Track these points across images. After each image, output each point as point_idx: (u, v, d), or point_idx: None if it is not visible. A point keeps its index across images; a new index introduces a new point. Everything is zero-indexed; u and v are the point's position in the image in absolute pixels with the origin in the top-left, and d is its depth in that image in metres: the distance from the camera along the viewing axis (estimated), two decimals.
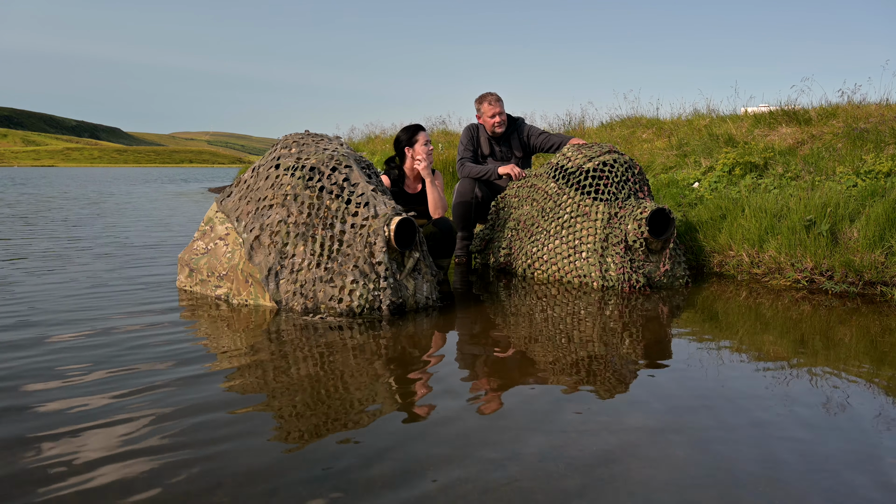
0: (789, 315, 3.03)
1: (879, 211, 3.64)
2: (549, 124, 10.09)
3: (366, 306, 2.89)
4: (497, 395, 2.00)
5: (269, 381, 2.07)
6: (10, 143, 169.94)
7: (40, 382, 2.03)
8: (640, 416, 1.82)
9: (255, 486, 1.42)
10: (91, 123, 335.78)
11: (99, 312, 2.95)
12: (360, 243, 2.93)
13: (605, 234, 3.64)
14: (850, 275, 3.50)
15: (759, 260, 3.92)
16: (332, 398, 1.94)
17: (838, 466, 1.53)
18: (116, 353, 2.35)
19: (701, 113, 7.88)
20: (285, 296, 2.97)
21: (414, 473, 1.48)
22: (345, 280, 2.89)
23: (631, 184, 3.80)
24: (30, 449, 1.58)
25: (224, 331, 2.67)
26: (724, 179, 5.10)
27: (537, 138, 4.58)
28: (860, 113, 5.67)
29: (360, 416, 1.80)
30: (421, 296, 3.08)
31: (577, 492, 1.40)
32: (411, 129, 3.94)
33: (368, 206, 3.00)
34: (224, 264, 3.21)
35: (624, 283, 3.53)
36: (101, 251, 5.03)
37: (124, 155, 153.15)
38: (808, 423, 1.78)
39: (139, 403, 1.87)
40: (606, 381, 2.13)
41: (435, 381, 2.11)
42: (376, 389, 2.02)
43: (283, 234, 3.01)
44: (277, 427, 1.72)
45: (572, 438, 1.67)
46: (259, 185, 3.27)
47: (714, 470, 1.51)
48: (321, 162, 3.14)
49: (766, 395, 1.99)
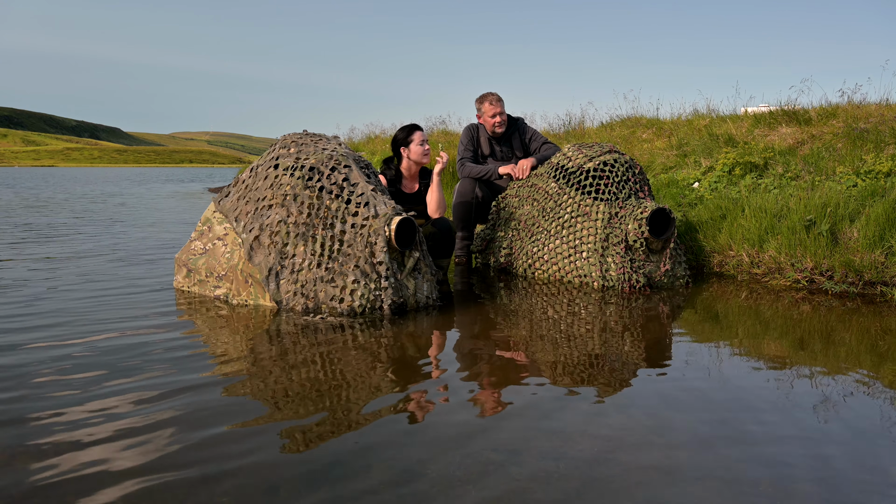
0: (789, 315, 3.03)
1: (879, 211, 3.64)
2: (549, 124, 10.09)
3: (367, 306, 2.89)
4: (497, 395, 2.00)
5: (270, 382, 2.07)
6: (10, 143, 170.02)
7: (39, 378, 2.04)
8: (640, 416, 1.82)
9: (257, 486, 1.42)
10: (91, 123, 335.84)
11: (97, 313, 2.95)
12: (360, 243, 2.93)
13: (606, 233, 3.63)
14: (850, 275, 3.50)
15: (759, 260, 3.92)
16: (334, 398, 1.94)
17: (843, 466, 1.53)
18: (114, 352, 2.35)
19: (701, 113, 7.88)
20: (286, 296, 2.96)
21: (414, 473, 1.48)
22: (346, 280, 2.89)
23: (631, 183, 3.80)
24: (28, 448, 1.58)
25: (224, 332, 2.67)
26: (724, 179, 5.10)
27: (537, 144, 4.57)
28: (860, 113, 5.67)
29: (361, 416, 1.80)
30: (421, 295, 3.08)
31: (577, 492, 1.40)
32: (407, 129, 3.95)
33: (368, 206, 3.00)
34: (223, 265, 3.20)
35: (624, 282, 3.53)
36: (101, 251, 5.03)
37: (124, 155, 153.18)
38: (809, 423, 1.78)
39: (138, 403, 1.87)
40: (607, 381, 2.13)
41: (436, 381, 2.11)
42: (378, 389, 2.02)
43: (283, 235, 3.01)
44: (279, 427, 1.72)
45: (572, 438, 1.66)
46: (258, 185, 3.27)
47: (714, 470, 1.51)
48: (320, 162, 3.14)
49: (767, 395, 1.99)
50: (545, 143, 4.57)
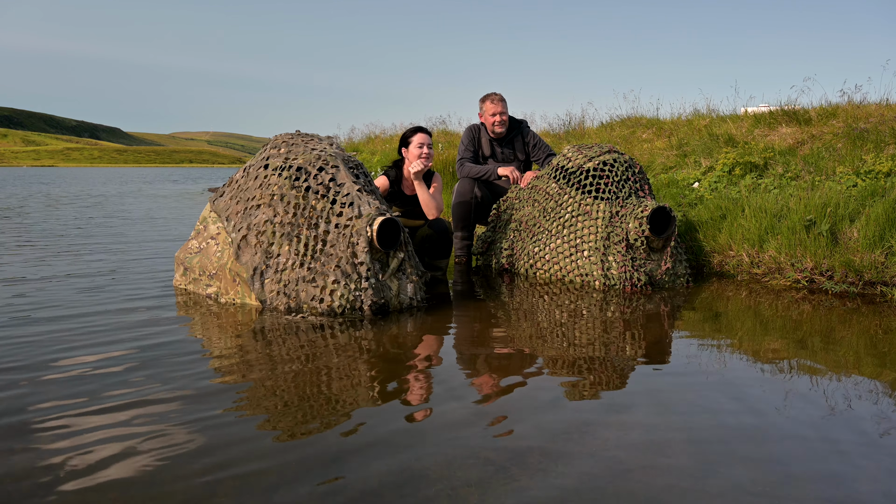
0: (789, 315, 3.03)
1: (879, 211, 3.64)
2: (549, 124, 10.09)
3: (346, 306, 2.88)
4: (495, 394, 1.99)
5: (262, 382, 2.07)
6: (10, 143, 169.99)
7: (34, 373, 2.03)
8: (640, 416, 1.82)
9: (256, 486, 1.41)
10: (91, 123, 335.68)
11: (95, 316, 2.95)
12: (343, 243, 2.92)
13: (607, 232, 3.63)
14: (850, 275, 3.50)
15: (759, 260, 3.92)
16: (326, 398, 1.93)
17: (844, 465, 1.53)
18: (113, 353, 2.34)
19: (701, 113, 7.88)
20: (270, 295, 2.96)
21: (414, 473, 1.47)
22: (326, 280, 2.88)
23: (632, 183, 3.80)
24: (26, 448, 1.58)
25: (213, 331, 2.67)
26: (724, 179, 5.10)
27: (540, 153, 4.57)
28: (860, 113, 5.67)
29: (360, 416, 1.80)
30: (405, 296, 3.06)
31: (578, 491, 1.40)
32: (410, 131, 3.97)
33: (353, 207, 2.98)
34: (214, 263, 3.21)
35: (626, 281, 3.53)
36: (101, 250, 5.02)
37: (124, 155, 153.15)
38: (810, 422, 1.78)
39: (137, 404, 1.87)
40: (607, 380, 2.12)
41: (436, 381, 2.11)
42: (375, 388, 2.02)
43: (269, 234, 3.01)
44: (272, 428, 1.72)
45: (572, 438, 1.66)
46: (248, 185, 3.27)
47: (715, 470, 1.50)
48: (308, 162, 3.13)
49: (768, 395, 1.99)
50: (549, 154, 4.55)
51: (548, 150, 4.58)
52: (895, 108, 5.69)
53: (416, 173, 3.85)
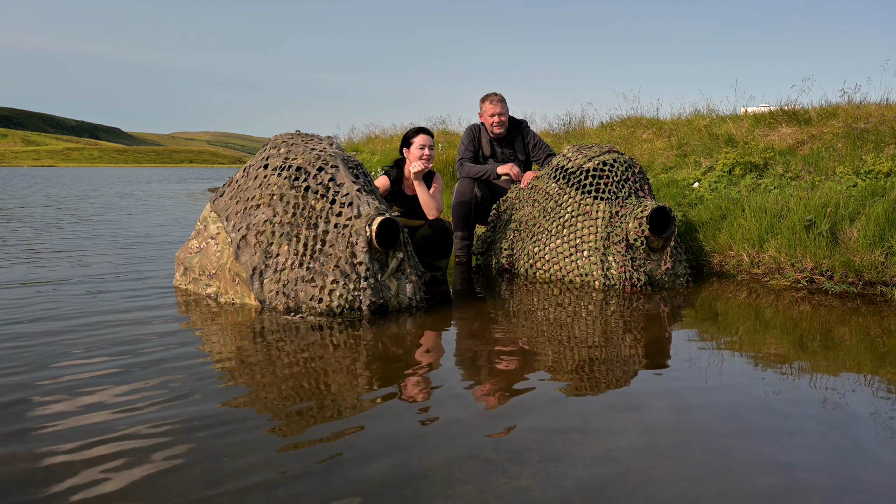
0: (789, 315, 3.03)
1: (879, 211, 3.64)
2: (549, 124, 10.09)
3: (345, 306, 2.88)
4: (495, 394, 1.99)
5: (261, 383, 2.07)
6: (10, 143, 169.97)
7: (32, 374, 2.03)
8: (640, 416, 1.82)
9: (256, 486, 1.41)
10: (91, 123, 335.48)
11: (95, 315, 2.95)
12: (342, 243, 2.92)
13: (607, 232, 3.63)
14: (850, 275, 3.50)
15: (759, 260, 3.92)
16: (325, 398, 1.94)
17: (845, 466, 1.53)
18: (112, 353, 2.34)
19: (701, 113, 7.88)
20: (269, 295, 2.96)
21: (414, 473, 1.47)
22: (325, 280, 2.88)
23: (631, 182, 3.80)
24: (28, 454, 1.58)
25: (213, 331, 2.67)
26: (724, 179, 5.10)
27: (541, 154, 4.57)
28: (860, 113, 5.67)
29: (359, 416, 1.80)
30: (404, 296, 3.06)
31: (578, 491, 1.40)
32: (412, 132, 3.97)
33: (352, 206, 2.98)
34: (214, 263, 3.21)
35: (626, 281, 3.53)
36: (101, 250, 5.02)
37: (124, 155, 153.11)
38: (810, 422, 1.78)
39: (135, 404, 1.87)
40: (606, 381, 2.12)
41: (435, 381, 2.11)
42: (369, 390, 2.02)
43: (268, 234, 3.01)
44: (272, 428, 1.72)
45: (572, 438, 1.66)
46: (248, 184, 3.27)
47: (715, 469, 1.50)
48: (308, 162, 3.13)
49: (768, 395, 1.99)
50: (549, 154, 4.55)
51: (548, 150, 4.58)
52: (895, 107, 5.69)
53: (417, 173, 3.85)
